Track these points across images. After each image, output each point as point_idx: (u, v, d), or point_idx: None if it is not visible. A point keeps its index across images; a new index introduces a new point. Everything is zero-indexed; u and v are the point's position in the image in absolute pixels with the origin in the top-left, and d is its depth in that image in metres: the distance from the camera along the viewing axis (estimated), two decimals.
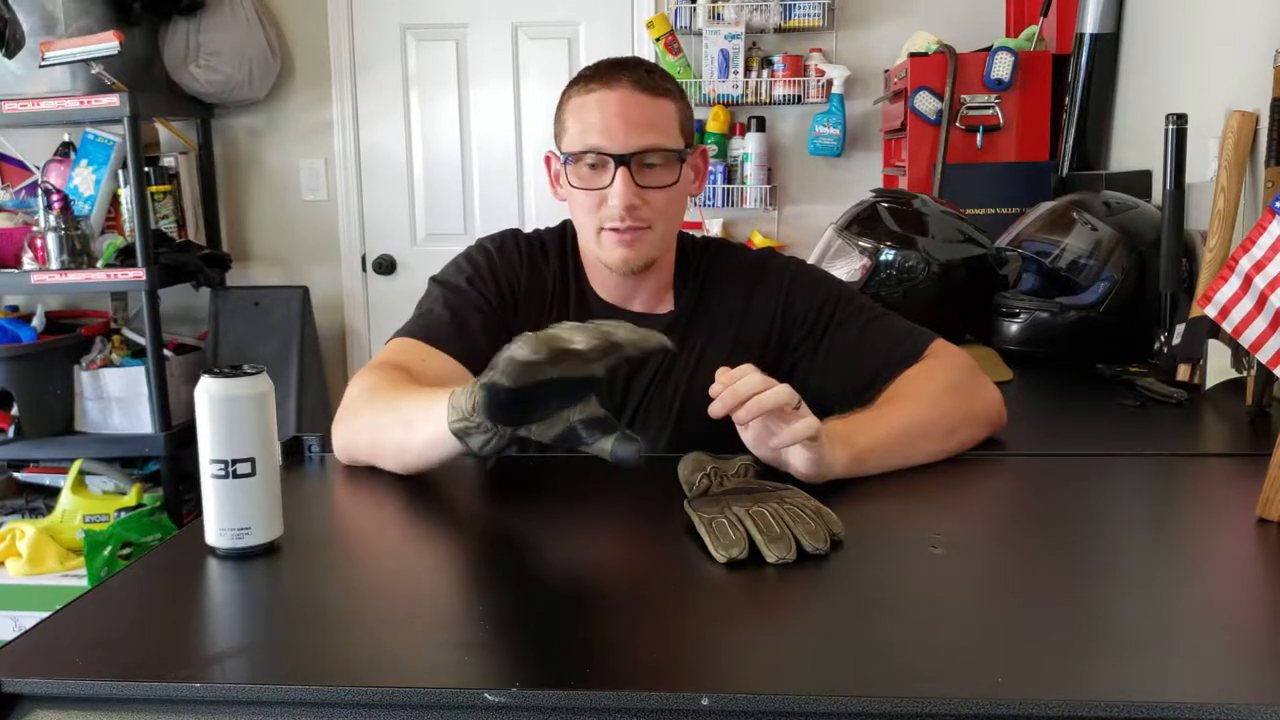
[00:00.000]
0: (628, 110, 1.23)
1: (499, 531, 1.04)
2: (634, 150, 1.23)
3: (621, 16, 3.40)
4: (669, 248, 1.34)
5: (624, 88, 1.24)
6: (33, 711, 0.68)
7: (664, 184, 1.26)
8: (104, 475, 3.12)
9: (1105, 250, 1.83)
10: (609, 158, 1.23)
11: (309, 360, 3.40)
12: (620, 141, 1.23)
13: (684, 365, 1.32)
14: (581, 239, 1.33)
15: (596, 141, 1.23)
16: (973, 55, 2.75)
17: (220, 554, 0.90)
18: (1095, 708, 0.62)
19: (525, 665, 0.72)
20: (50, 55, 2.83)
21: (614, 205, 1.23)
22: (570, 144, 1.27)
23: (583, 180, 1.26)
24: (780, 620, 0.80)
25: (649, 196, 1.25)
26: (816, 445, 1.02)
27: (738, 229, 3.41)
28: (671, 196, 1.27)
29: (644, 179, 1.24)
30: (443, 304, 1.30)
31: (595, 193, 1.25)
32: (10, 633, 2.66)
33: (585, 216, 1.28)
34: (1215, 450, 1.39)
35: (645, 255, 1.28)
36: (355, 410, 1.16)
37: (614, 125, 1.23)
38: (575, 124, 1.26)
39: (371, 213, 3.55)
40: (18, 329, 3.04)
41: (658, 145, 1.24)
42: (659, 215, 1.26)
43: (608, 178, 1.24)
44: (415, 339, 1.26)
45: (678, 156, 1.27)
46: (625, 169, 1.23)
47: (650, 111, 1.24)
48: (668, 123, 1.26)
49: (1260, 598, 0.83)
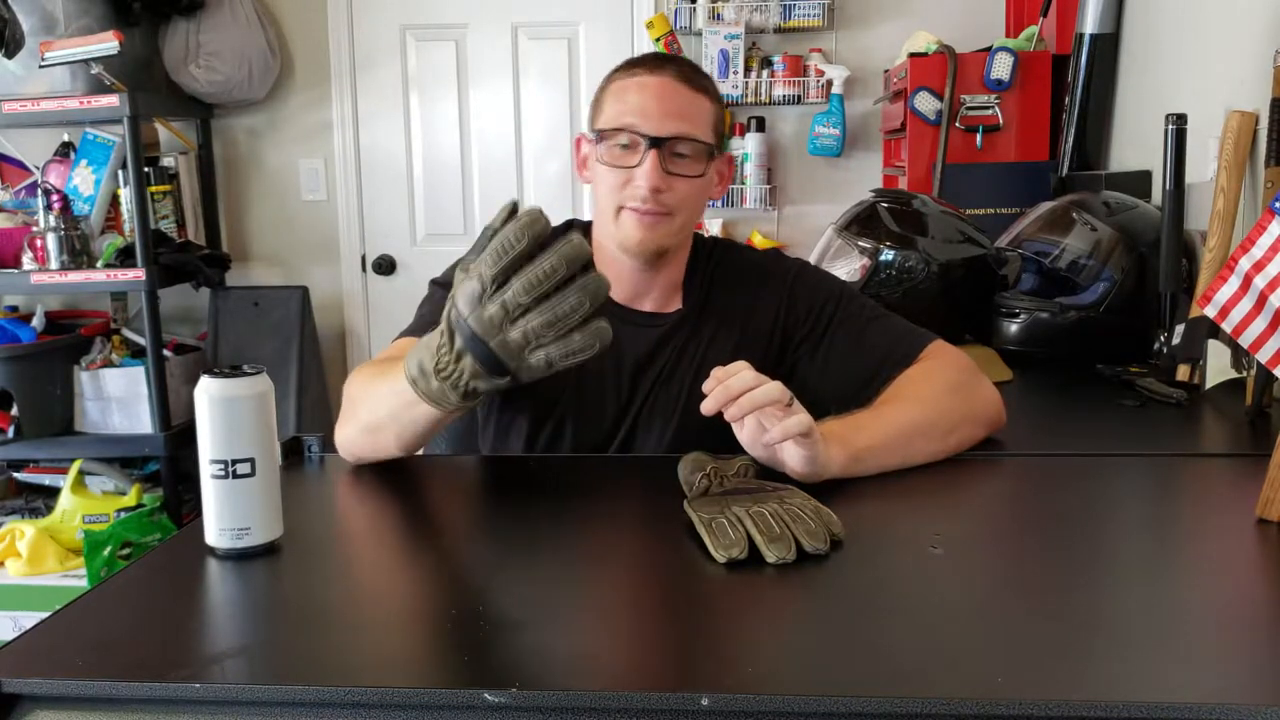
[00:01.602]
0: (666, 97, 1.26)
1: (499, 532, 1.04)
2: (668, 135, 1.25)
3: (621, 17, 3.40)
4: (684, 243, 1.34)
5: (667, 75, 1.27)
6: (33, 711, 0.68)
7: (691, 174, 1.27)
8: (104, 475, 3.12)
9: (1105, 250, 1.83)
10: (642, 138, 1.24)
11: (309, 360, 3.40)
12: (655, 125, 1.24)
13: (689, 364, 1.32)
14: (600, 223, 1.33)
15: (632, 121, 1.25)
16: (972, 55, 2.75)
17: (220, 554, 0.90)
18: (1095, 708, 0.62)
19: (525, 665, 0.72)
20: (50, 55, 2.83)
21: (640, 185, 1.24)
22: (606, 122, 1.28)
23: (612, 158, 1.27)
24: (780, 620, 0.80)
25: (675, 184, 1.26)
26: (809, 442, 1.02)
27: (738, 229, 3.41)
28: (696, 189, 1.29)
29: (673, 166, 1.26)
30: (440, 303, 1.29)
31: (622, 170, 1.26)
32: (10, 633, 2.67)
33: (608, 195, 1.28)
34: (1215, 450, 1.39)
35: (661, 241, 1.28)
36: (353, 407, 1.16)
37: (651, 108, 1.25)
38: (614, 104, 1.28)
39: (371, 213, 3.55)
40: (18, 329, 3.04)
41: (691, 134, 1.26)
42: (681, 204, 1.27)
43: (637, 158, 1.25)
44: (414, 337, 1.26)
45: (708, 151, 1.28)
46: (656, 151, 1.24)
47: (688, 103, 1.27)
48: (703, 117, 1.28)
49: (1260, 598, 0.83)
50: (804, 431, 1.01)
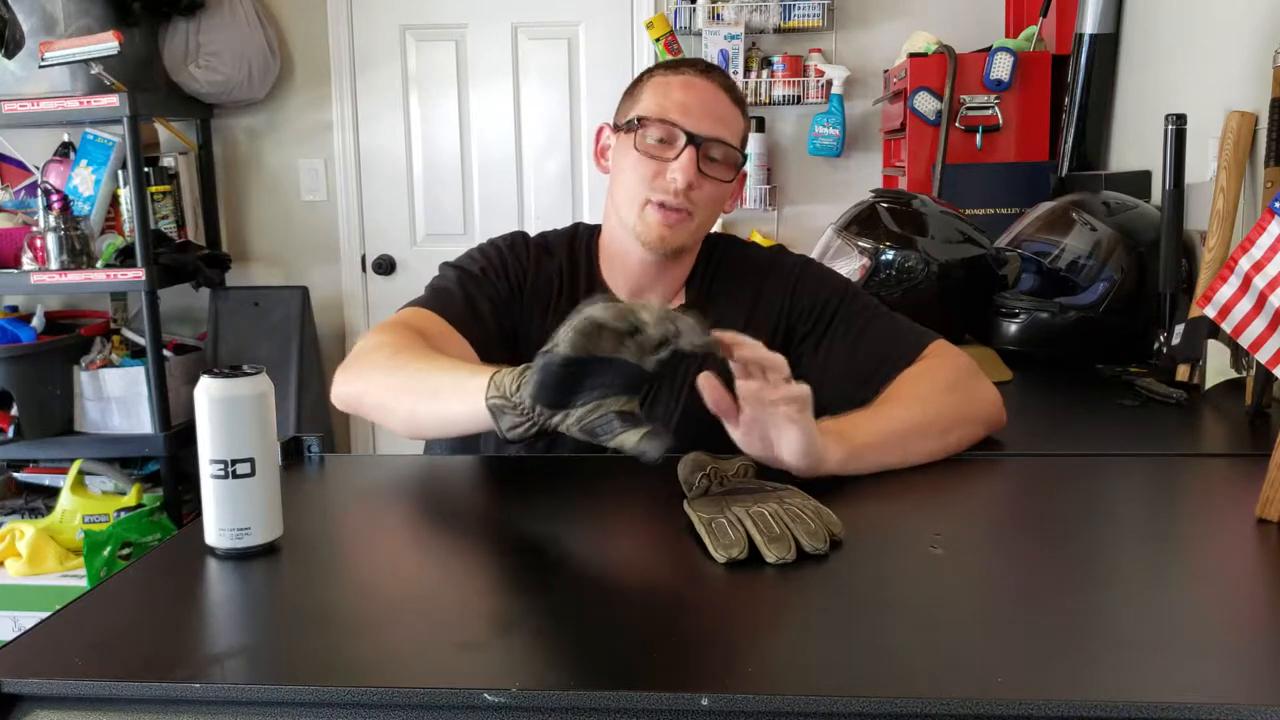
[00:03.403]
0: (710, 101, 1.29)
1: (499, 531, 1.04)
2: (706, 135, 1.27)
3: (621, 17, 3.40)
4: (697, 245, 1.36)
5: (713, 81, 1.30)
6: (33, 711, 0.68)
7: (721, 178, 1.29)
8: (104, 475, 3.12)
9: (1105, 250, 1.83)
10: (683, 133, 1.26)
11: (309, 360, 3.40)
12: (697, 123, 1.27)
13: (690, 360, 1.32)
14: (619, 213, 1.32)
15: (676, 117, 1.27)
16: (972, 55, 2.75)
17: (220, 554, 0.90)
18: (1095, 708, 0.62)
19: (525, 665, 0.72)
20: (50, 55, 2.83)
21: (673, 179, 1.26)
22: (648, 111, 1.29)
23: (647, 149, 1.28)
24: (780, 620, 0.80)
25: (704, 184, 1.28)
26: (805, 420, 1.01)
27: (737, 229, 3.41)
28: (720, 193, 1.31)
29: (705, 167, 1.28)
30: (457, 284, 1.31)
31: (656, 162, 1.27)
32: (10, 633, 2.66)
33: (636, 186, 1.29)
34: (1215, 450, 1.39)
35: (680, 241, 1.30)
36: (372, 363, 1.16)
37: (695, 107, 1.27)
38: (656, 97, 1.29)
39: (371, 213, 3.55)
40: (17, 329, 3.04)
41: (727, 139, 1.29)
42: (704, 206, 1.29)
43: (673, 152, 1.27)
44: (432, 311, 1.26)
45: (737, 160, 1.31)
46: (694, 149, 1.26)
47: (727, 110, 1.30)
48: (737, 127, 1.32)
49: (1260, 598, 0.83)
50: (803, 400, 1.01)
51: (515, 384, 0.97)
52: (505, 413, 0.98)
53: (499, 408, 0.99)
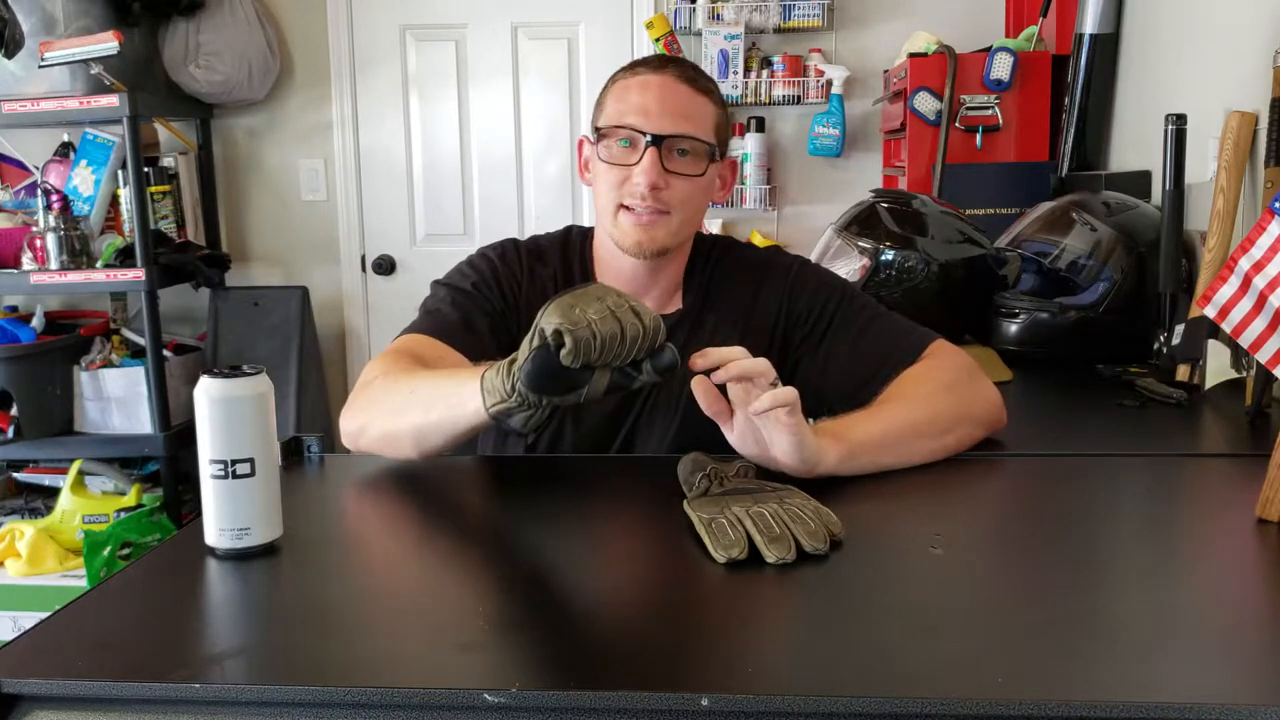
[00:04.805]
0: (667, 96, 1.26)
1: (498, 531, 1.04)
2: (667, 133, 1.25)
3: (621, 17, 3.40)
4: (684, 243, 1.34)
5: (669, 76, 1.27)
6: (32, 711, 0.68)
7: (690, 173, 1.27)
8: (103, 475, 3.11)
9: (1105, 250, 1.83)
10: (641, 136, 1.25)
11: (308, 361, 3.40)
12: (655, 123, 1.25)
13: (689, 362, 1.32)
14: (599, 223, 1.33)
15: (633, 120, 1.25)
16: (972, 55, 2.75)
17: (220, 554, 0.90)
18: (1095, 708, 0.62)
19: (525, 665, 0.72)
20: (50, 55, 2.83)
21: (638, 182, 1.24)
22: (606, 120, 1.29)
23: (612, 156, 1.28)
24: (780, 620, 0.80)
25: (674, 182, 1.26)
26: (795, 422, 1.01)
27: (737, 229, 3.41)
28: (695, 188, 1.28)
29: (672, 164, 1.26)
30: (450, 304, 1.30)
31: (621, 169, 1.26)
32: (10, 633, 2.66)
33: (607, 194, 1.28)
34: (1215, 450, 1.39)
35: (660, 241, 1.28)
36: (368, 398, 1.16)
37: (652, 107, 1.25)
38: (615, 104, 1.29)
39: (371, 213, 3.55)
40: (17, 329, 3.04)
41: (690, 133, 1.26)
42: (680, 203, 1.27)
43: (636, 156, 1.25)
44: (427, 335, 1.26)
45: (708, 152, 1.28)
46: (655, 149, 1.24)
47: (688, 102, 1.27)
48: (704, 117, 1.28)
49: (1260, 598, 0.83)
50: (791, 404, 1.00)
51: (509, 382, 0.96)
52: (513, 413, 0.98)
53: (505, 411, 0.98)
